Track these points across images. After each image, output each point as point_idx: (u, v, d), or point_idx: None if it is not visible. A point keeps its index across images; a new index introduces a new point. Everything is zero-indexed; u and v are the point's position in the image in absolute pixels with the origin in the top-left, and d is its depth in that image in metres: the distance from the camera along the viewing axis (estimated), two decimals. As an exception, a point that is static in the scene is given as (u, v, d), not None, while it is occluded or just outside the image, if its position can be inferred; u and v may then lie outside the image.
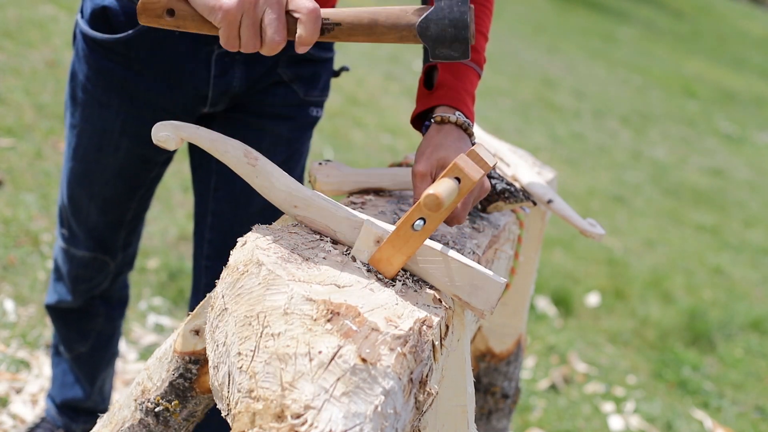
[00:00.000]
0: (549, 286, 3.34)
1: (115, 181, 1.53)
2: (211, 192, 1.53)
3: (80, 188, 1.56)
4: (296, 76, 1.46)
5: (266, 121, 1.47)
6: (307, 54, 1.45)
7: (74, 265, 1.68)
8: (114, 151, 1.49)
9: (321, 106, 1.54)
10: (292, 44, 1.41)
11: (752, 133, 7.86)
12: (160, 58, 1.38)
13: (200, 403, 1.12)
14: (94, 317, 1.80)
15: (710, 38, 14.33)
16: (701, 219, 4.91)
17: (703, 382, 2.96)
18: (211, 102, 1.43)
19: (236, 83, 1.41)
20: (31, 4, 4.95)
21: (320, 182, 1.23)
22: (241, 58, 1.39)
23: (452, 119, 1.18)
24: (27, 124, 3.43)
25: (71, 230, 1.64)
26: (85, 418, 1.91)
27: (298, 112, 1.49)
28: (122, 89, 1.42)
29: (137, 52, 1.37)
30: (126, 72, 1.40)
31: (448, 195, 0.89)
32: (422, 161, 1.14)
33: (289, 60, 1.44)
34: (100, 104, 1.44)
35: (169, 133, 1.00)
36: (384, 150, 4.58)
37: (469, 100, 1.23)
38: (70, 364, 1.86)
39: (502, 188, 1.26)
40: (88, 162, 1.52)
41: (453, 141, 1.16)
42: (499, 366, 1.73)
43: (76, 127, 1.51)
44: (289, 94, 1.46)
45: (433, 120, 1.19)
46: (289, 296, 0.86)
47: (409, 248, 0.94)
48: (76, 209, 1.59)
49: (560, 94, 7.18)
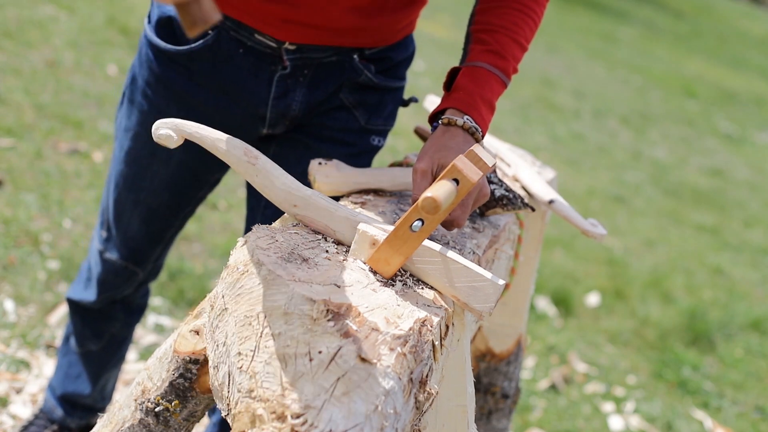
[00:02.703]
0: (549, 286, 3.34)
1: (162, 192, 1.52)
2: (261, 209, 1.51)
3: (127, 192, 1.54)
4: (359, 103, 1.42)
5: (324, 144, 1.43)
6: (373, 81, 1.41)
7: (105, 270, 1.67)
8: (166, 160, 1.47)
9: (384, 135, 1.49)
10: (360, 72, 1.38)
11: (752, 133, 7.86)
12: (223, 73, 1.36)
13: (200, 403, 1.12)
14: (112, 320, 1.80)
15: (710, 38, 14.33)
16: (701, 219, 4.91)
17: (703, 382, 2.96)
18: (269, 123, 1.41)
19: (296, 106, 1.39)
20: (31, 4, 4.95)
21: (319, 182, 1.23)
22: (305, 81, 1.37)
23: (459, 122, 1.17)
24: (27, 124, 3.43)
25: (110, 233, 1.63)
26: (82, 414, 1.90)
27: (357, 139, 1.45)
28: (182, 100, 1.40)
29: (200, 65, 1.36)
30: (187, 83, 1.38)
31: (446, 197, 0.89)
32: (424, 159, 1.14)
33: (353, 86, 1.41)
34: (158, 111, 1.42)
35: (169, 130, 1.00)
36: (384, 150, 4.58)
37: (484, 107, 1.21)
38: (78, 358, 1.86)
39: (501, 195, 1.25)
40: (139, 167, 1.50)
41: (457, 143, 1.16)
42: (499, 366, 1.73)
43: (130, 130, 1.49)
44: (350, 119, 1.43)
45: (441, 121, 1.19)
46: (289, 296, 0.86)
47: (407, 249, 0.94)
48: (119, 214, 1.58)
49: (560, 94, 7.18)
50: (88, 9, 5.22)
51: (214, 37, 1.33)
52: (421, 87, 5.93)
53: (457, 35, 8.46)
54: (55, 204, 2.89)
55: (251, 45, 1.33)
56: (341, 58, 1.37)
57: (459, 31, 8.73)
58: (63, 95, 3.82)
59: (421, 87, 5.93)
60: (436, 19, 8.81)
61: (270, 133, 1.44)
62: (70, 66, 4.19)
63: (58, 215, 2.83)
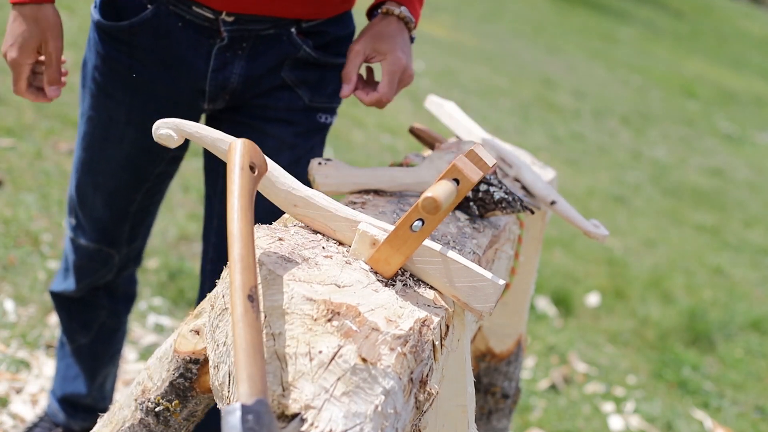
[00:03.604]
0: (549, 286, 3.34)
1: (120, 173, 1.54)
2: (218, 195, 1.53)
3: (86, 178, 1.56)
4: (301, 81, 1.45)
5: (270, 125, 1.46)
6: (314, 58, 1.44)
7: (79, 256, 1.68)
8: (119, 142, 1.50)
9: (332, 113, 1.51)
10: (299, 46, 1.41)
11: (752, 133, 7.85)
12: (163, 48, 1.39)
13: (200, 402, 1.12)
14: (97, 309, 1.80)
15: (710, 38, 14.33)
16: (701, 219, 4.91)
17: (703, 382, 2.96)
18: (209, 97, 1.43)
19: (234, 79, 1.41)
20: (31, 4, 4.94)
21: (319, 182, 1.23)
22: (243, 55, 1.40)
23: (395, 12, 1.37)
24: (27, 124, 3.43)
25: (78, 220, 1.64)
26: (84, 415, 1.91)
27: (303, 118, 1.47)
28: (127, 79, 1.43)
29: (141, 40, 1.39)
30: (131, 61, 1.41)
31: (447, 197, 0.89)
32: (361, 41, 1.36)
33: (293, 63, 1.43)
34: (106, 94, 1.46)
35: (169, 130, 1.00)
36: (384, 150, 4.58)
37: (417, 3, 1.42)
38: (73, 356, 1.86)
39: (500, 197, 1.25)
40: (94, 151, 1.52)
41: (392, 31, 1.36)
42: (500, 366, 1.73)
43: (84, 115, 1.52)
44: (293, 98, 1.46)
45: (380, 11, 1.38)
46: (289, 296, 0.86)
47: (408, 249, 0.94)
48: (83, 199, 1.60)
49: (560, 94, 7.18)
50: (87, 9, 5.21)
51: (153, 11, 1.37)
52: (421, 87, 5.93)
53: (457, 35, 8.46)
54: (55, 204, 2.89)
55: (190, 19, 1.36)
56: (279, 32, 1.40)
57: (459, 31, 8.73)
58: (63, 95, 3.81)
59: (421, 87, 5.93)
60: (436, 19, 8.81)
61: (211, 108, 1.46)
62: (70, 66, 4.19)
63: (58, 215, 2.83)
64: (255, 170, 0.93)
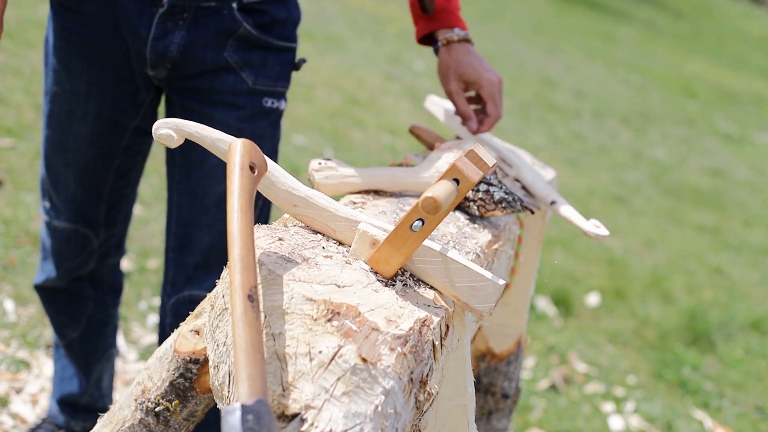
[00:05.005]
0: (549, 286, 3.34)
1: (88, 148, 1.55)
2: (175, 185, 1.54)
3: (56, 156, 1.57)
4: (244, 62, 1.46)
5: (216, 109, 1.47)
6: (255, 37, 1.45)
7: (57, 239, 1.67)
8: (83, 116, 1.51)
9: (278, 97, 1.52)
10: (239, 22, 1.43)
11: (752, 133, 7.85)
12: (109, 14, 1.41)
13: (200, 402, 1.12)
14: (84, 300, 1.79)
15: (710, 38, 14.33)
16: (701, 219, 4.91)
17: (703, 382, 2.96)
18: (150, 64, 1.45)
19: (174, 48, 1.43)
20: (31, 4, 4.95)
21: (319, 182, 1.23)
22: (184, 25, 1.41)
23: (455, 39, 1.44)
24: (27, 124, 3.43)
25: (52, 202, 1.64)
26: (84, 415, 1.92)
27: (248, 102, 1.48)
28: (83, 49, 1.45)
29: (89, 8, 1.41)
30: (83, 30, 1.44)
31: (446, 197, 0.89)
32: (450, 81, 1.44)
33: (237, 43, 1.45)
34: (65, 67, 1.48)
35: (169, 130, 1.00)
36: (384, 150, 4.58)
37: (456, 10, 1.48)
38: (66, 355, 1.86)
39: (500, 197, 1.25)
40: (62, 129, 1.54)
41: (463, 56, 1.44)
42: (500, 366, 1.73)
43: (48, 93, 1.54)
44: (237, 81, 1.47)
45: (440, 43, 1.45)
46: (289, 296, 0.86)
47: (408, 249, 0.94)
48: (55, 179, 1.60)
49: (560, 94, 7.18)
50: None
51: None
52: (422, 87, 5.93)
53: (457, 35, 8.43)
54: (55, 204, 2.89)
55: None
56: (220, 5, 1.42)
57: (459, 31, 8.70)
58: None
59: (422, 87, 5.93)
60: (436, 19, 8.79)
61: (154, 75, 1.47)
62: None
63: (58, 215, 2.83)
64: (255, 170, 0.93)
